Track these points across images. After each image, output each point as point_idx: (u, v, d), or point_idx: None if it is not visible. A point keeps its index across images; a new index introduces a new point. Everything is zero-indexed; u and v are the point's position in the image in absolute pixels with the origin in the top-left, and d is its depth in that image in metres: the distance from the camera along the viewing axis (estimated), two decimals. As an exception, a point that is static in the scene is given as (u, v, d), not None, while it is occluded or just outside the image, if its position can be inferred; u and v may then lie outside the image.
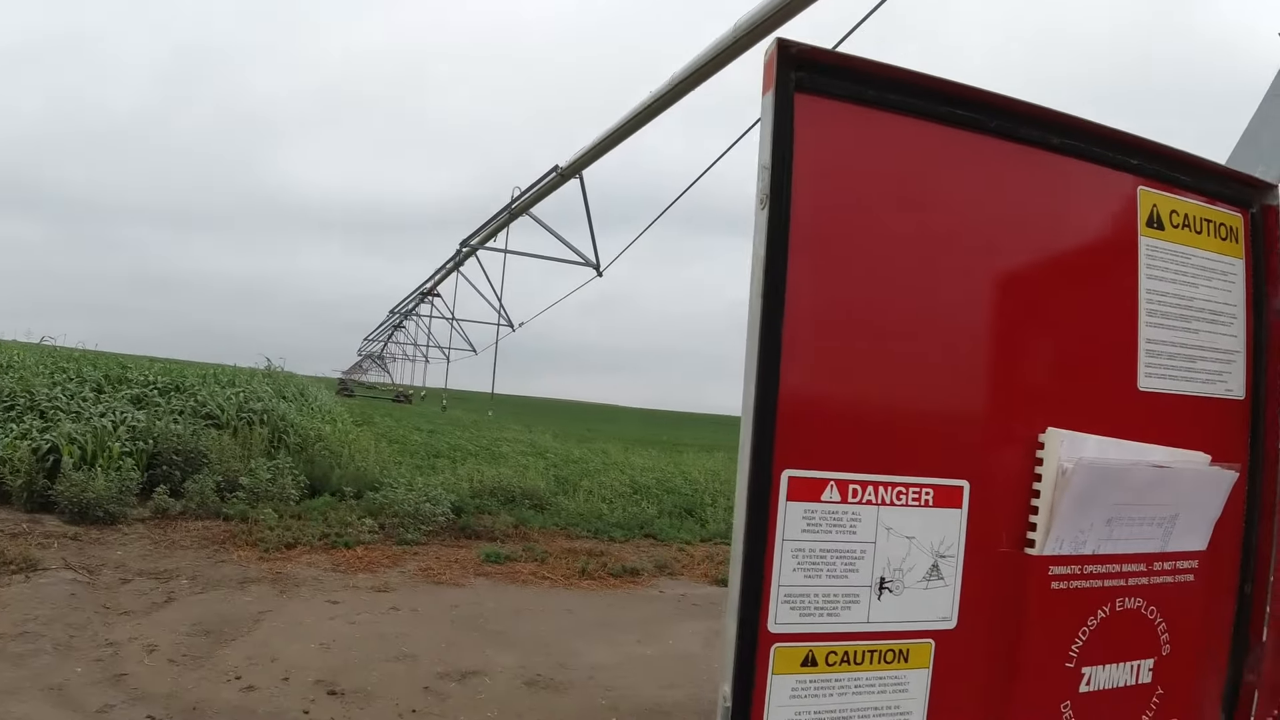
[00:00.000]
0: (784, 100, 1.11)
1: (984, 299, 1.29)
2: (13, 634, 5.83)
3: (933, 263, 1.24)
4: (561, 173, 12.40)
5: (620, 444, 25.87)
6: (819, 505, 1.14)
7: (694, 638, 7.36)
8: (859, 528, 1.17)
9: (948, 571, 1.24)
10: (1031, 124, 1.31)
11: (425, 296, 34.53)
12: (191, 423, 12.56)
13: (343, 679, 5.63)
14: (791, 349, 1.10)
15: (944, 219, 1.26)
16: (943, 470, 1.24)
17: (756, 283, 1.08)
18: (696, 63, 7.30)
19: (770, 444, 1.09)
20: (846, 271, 1.18)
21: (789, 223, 1.10)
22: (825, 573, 1.15)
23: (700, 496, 14.50)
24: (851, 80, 1.17)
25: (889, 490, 1.19)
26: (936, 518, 1.23)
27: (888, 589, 1.19)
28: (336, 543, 9.45)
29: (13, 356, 17.36)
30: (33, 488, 9.47)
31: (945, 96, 1.24)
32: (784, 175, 1.10)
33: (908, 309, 1.23)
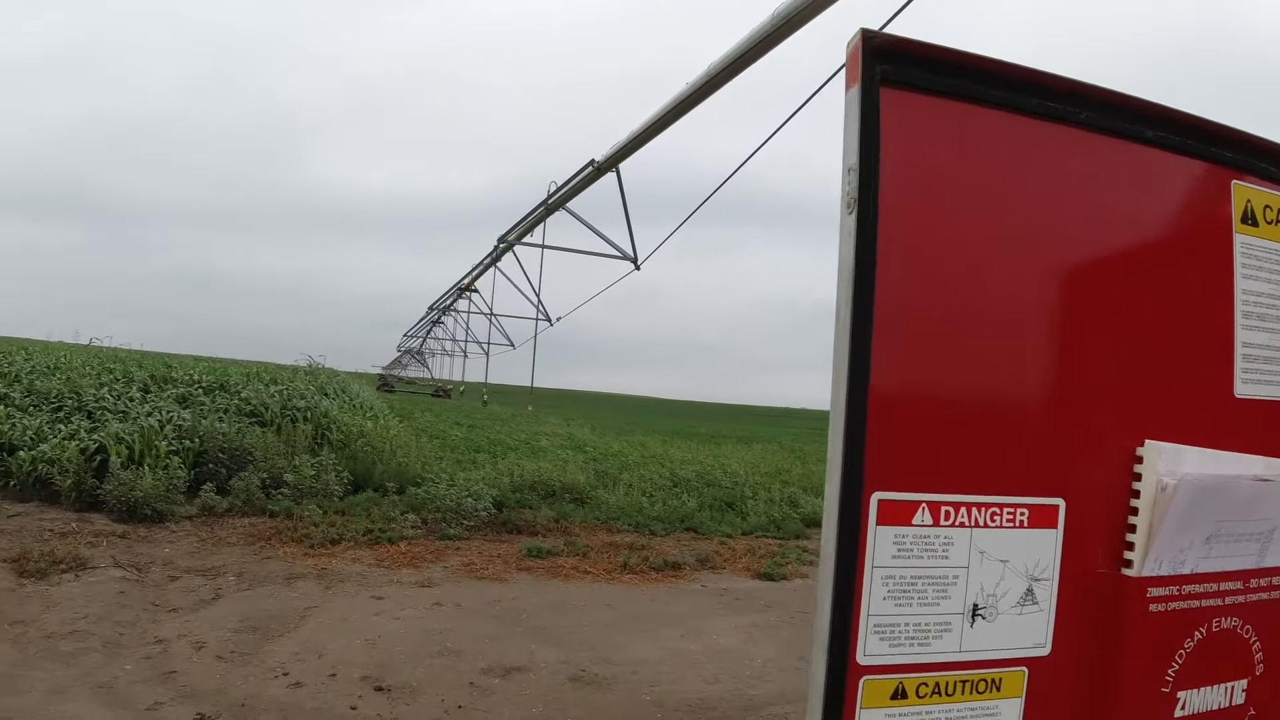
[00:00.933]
0: (870, 95, 1.03)
1: (1077, 304, 1.21)
2: (63, 633, 5.92)
3: (1024, 266, 1.17)
4: (598, 167, 12.36)
5: (659, 437, 25.84)
6: (910, 529, 1.08)
7: (736, 632, 7.31)
8: (951, 552, 1.10)
9: (1042, 596, 1.17)
10: (1123, 115, 1.23)
11: (463, 292, 34.75)
12: (236, 421, 12.72)
13: (388, 675, 5.65)
14: (882, 366, 1.03)
15: (1035, 218, 1.18)
16: (1038, 489, 1.16)
17: (844, 292, 1.01)
18: (734, 53, 7.21)
19: (860, 466, 1.03)
20: (937, 278, 1.11)
21: (877, 227, 1.03)
22: (916, 600, 1.09)
23: (740, 489, 14.41)
24: (939, 72, 1.09)
25: (983, 512, 1.12)
26: (1031, 539, 1.16)
27: (980, 616, 1.12)
28: (380, 538, 9.51)
29: (60, 358, 17.78)
30: (81, 487, 9.60)
31: (1036, 87, 1.16)
32: (872, 176, 1.03)
33: (1000, 317, 1.15)
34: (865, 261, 1.02)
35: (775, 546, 11.18)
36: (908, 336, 1.08)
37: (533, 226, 17.05)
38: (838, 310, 1.02)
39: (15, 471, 9.77)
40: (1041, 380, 1.18)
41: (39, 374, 14.63)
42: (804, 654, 6.19)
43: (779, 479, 16.05)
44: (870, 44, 1.04)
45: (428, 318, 53.84)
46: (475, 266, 28.13)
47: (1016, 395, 1.16)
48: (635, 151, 10.88)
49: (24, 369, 15.26)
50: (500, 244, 19.76)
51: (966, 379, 1.13)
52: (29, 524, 8.62)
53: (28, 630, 5.88)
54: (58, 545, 7.84)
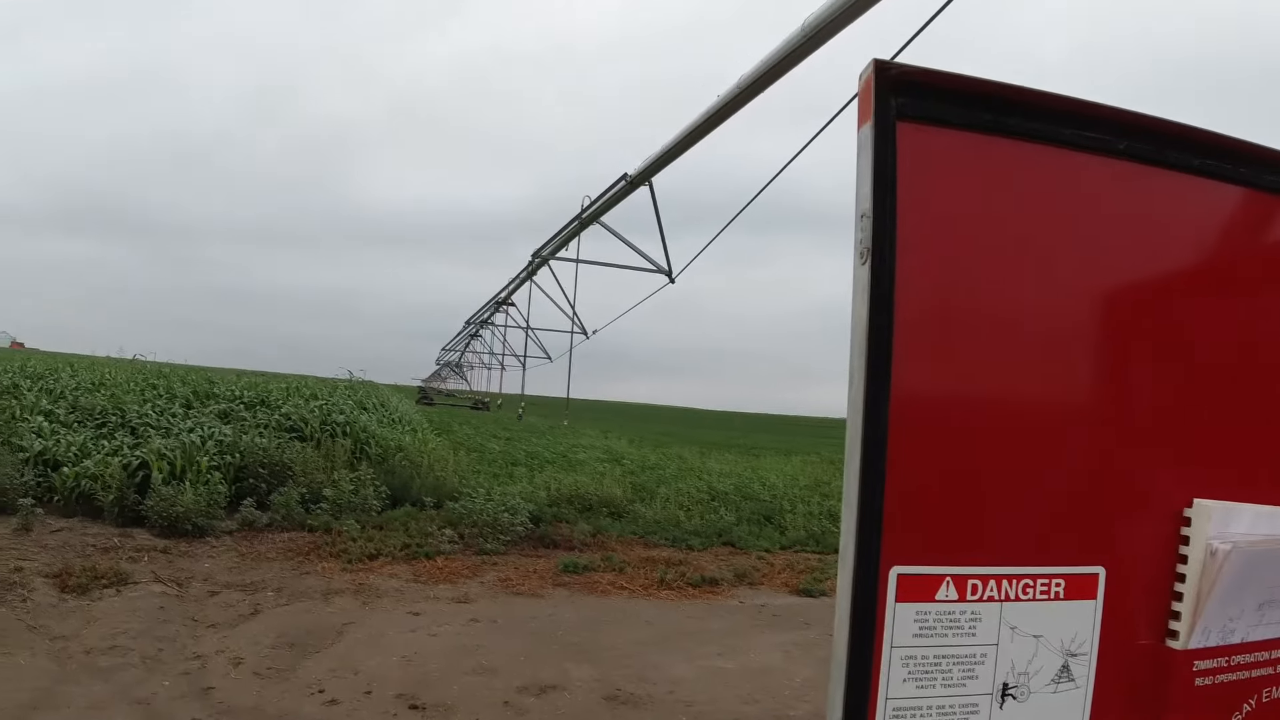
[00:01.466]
0: (885, 132, 0.95)
1: (1116, 354, 1.12)
2: (103, 648, 5.98)
3: (1061, 317, 1.08)
4: (631, 180, 12.36)
5: (696, 448, 25.74)
6: (933, 605, 1.00)
7: (774, 650, 7.20)
8: (979, 628, 1.02)
9: (1079, 672, 1.08)
10: (1172, 144, 1.14)
11: (500, 306, 35.01)
12: (276, 436, 12.91)
13: (424, 692, 5.65)
14: (900, 433, 0.95)
15: (1073, 262, 1.09)
16: (1076, 556, 1.07)
17: (857, 353, 0.94)
18: (765, 65, 7.16)
19: (877, 538, 0.96)
20: (963, 335, 1.03)
21: (894, 280, 0.95)
22: (940, 681, 1.00)
23: (779, 503, 14.28)
24: (963, 104, 1.01)
25: (1014, 584, 1.04)
26: (1068, 611, 1.07)
27: (1011, 696, 1.04)
28: (417, 553, 9.54)
29: (104, 374, 18.20)
30: (124, 503, 9.78)
31: (1073, 117, 1.07)
32: (888, 222, 0.95)
33: (1033, 374, 1.07)
34: (880, 319, 0.94)
35: (815, 561, 11.04)
36: (928, 401, 1.00)
37: (567, 241, 17.11)
38: (850, 374, 0.94)
39: (59, 487, 9.99)
40: (1079, 439, 1.09)
41: (84, 390, 15.01)
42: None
43: (818, 492, 15.89)
44: (885, 76, 0.96)
45: (465, 331, 54.37)
46: (511, 280, 28.34)
47: (1051, 456, 1.07)
48: (668, 165, 10.86)
49: (69, 385, 15.66)
50: (535, 259, 19.86)
51: (995, 442, 1.04)
52: (72, 539, 8.78)
53: (68, 645, 5.96)
54: (100, 560, 7.97)
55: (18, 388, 14.76)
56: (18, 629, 6.19)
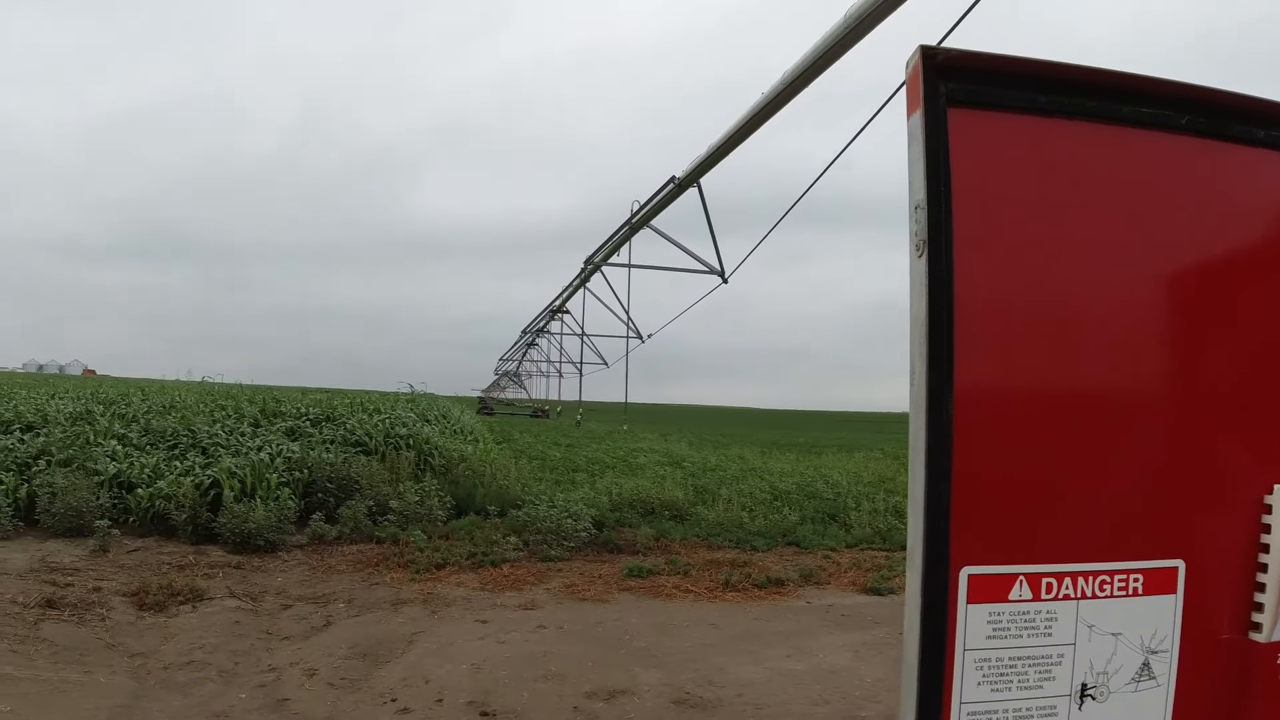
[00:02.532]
0: (936, 120, 0.90)
1: (1189, 335, 1.06)
2: (180, 663, 6.14)
3: (1130, 300, 1.03)
4: (679, 183, 12.31)
5: (757, 448, 25.56)
6: (1006, 606, 0.96)
7: (843, 650, 7.09)
8: (1055, 628, 0.97)
9: (1160, 670, 1.03)
10: (1236, 117, 1.06)
11: (555, 314, 35.23)
12: (342, 451, 13.17)
13: (493, 699, 5.68)
14: (966, 430, 0.91)
15: (1138, 240, 1.03)
16: (1153, 550, 1.02)
17: (918, 347, 0.89)
18: (808, 59, 7.07)
19: (945, 538, 0.92)
20: (1025, 321, 0.98)
21: (953, 271, 0.90)
22: (1016, 684, 0.97)
23: (843, 500, 14.08)
24: (1013, 86, 0.96)
25: (1090, 581, 0.98)
26: (1147, 607, 1.02)
27: (1090, 696, 0.99)
28: (483, 561, 9.63)
29: (174, 397, 18.79)
30: (197, 521, 10.06)
31: (1130, 93, 1.01)
32: (943, 212, 0.90)
33: (1101, 358, 1.01)
34: (941, 312, 0.90)
35: (882, 559, 10.85)
36: (993, 394, 0.96)
37: (618, 246, 17.13)
38: (911, 369, 0.90)
39: (134, 508, 10.33)
40: (1151, 428, 1.04)
41: (155, 413, 15.50)
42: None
43: (883, 488, 15.64)
44: (932, 62, 0.91)
45: (522, 340, 54.85)
46: (565, 288, 28.49)
47: (1123, 447, 1.02)
48: (715, 165, 10.80)
49: (141, 409, 16.19)
50: (587, 265, 19.93)
51: (1064, 434, 1.00)
52: (148, 558, 9.06)
53: (147, 662, 6.13)
54: (175, 578, 8.19)
55: (91, 414, 15.28)
56: (97, 647, 6.37)
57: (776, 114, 8.35)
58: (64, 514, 9.82)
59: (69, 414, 14.95)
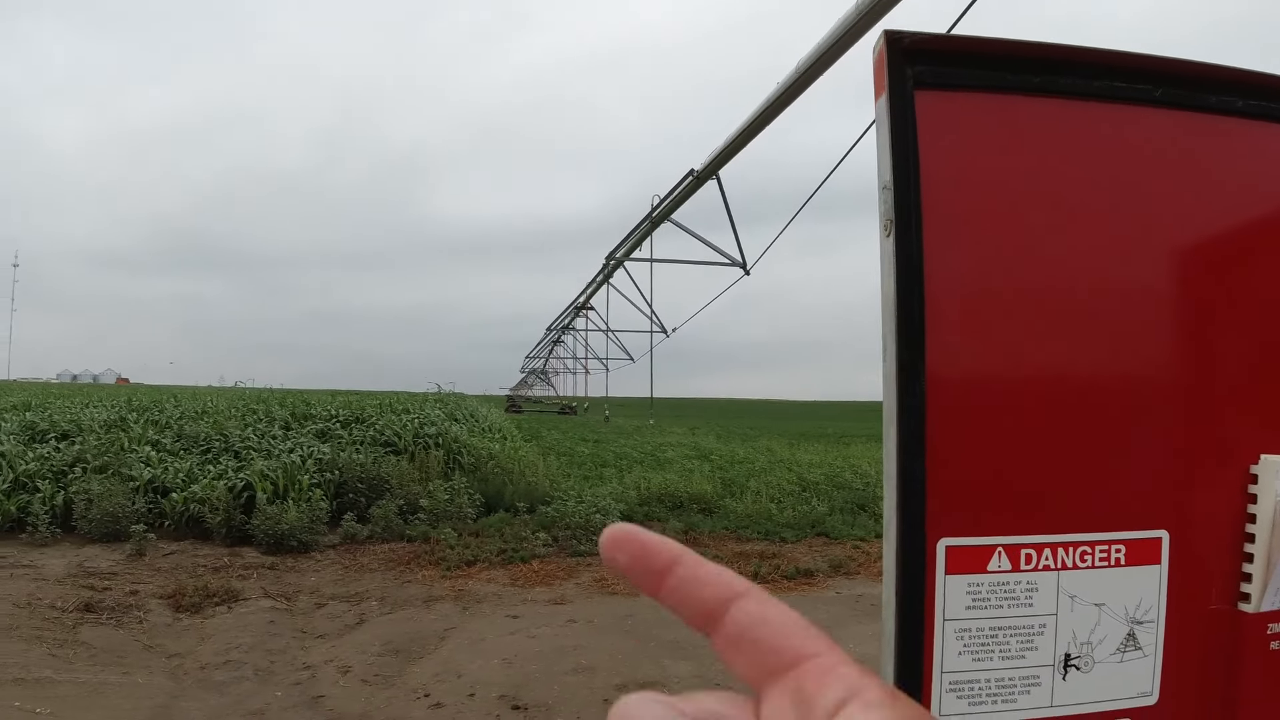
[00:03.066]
0: (902, 103, 0.92)
1: (1168, 301, 1.06)
2: (217, 663, 6.26)
3: (1106, 272, 1.03)
4: (698, 175, 12.28)
5: (784, 440, 25.50)
6: (986, 577, 0.97)
7: (874, 640, 6.96)
8: (1036, 599, 0.98)
9: (1146, 640, 1.04)
10: (1212, 87, 1.07)
11: (579, 311, 35.27)
12: (372, 451, 13.32)
13: (525, 693, 5.74)
14: (937, 399, 0.92)
15: (1116, 217, 1.04)
16: (1136, 520, 1.02)
17: (889, 326, 0.91)
18: (821, 46, 7.02)
19: (921, 510, 0.93)
20: (998, 298, 0.99)
21: (923, 251, 0.92)
22: (998, 654, 0.98)
23: (872, 490, 14.02)
24: (982, 66, 0.97)
25: (1071, 551, 0.99)
26: (1130, 577, 1.02)
27: (1074, 666, 1.00)
28: (513, 558, 9.71)
29: (206, 403, 19.08)
30: (231, 523, 10.23)
31: (1101, 68, 1.02)
32: (911, 193, 0.92)
33: (1079, 333, 1.02)
34: (909, 292, 0.92)
35: (911, 548, 10.80)
36: (967, 370, 0.97)
37: (640, 241, 17.12)
38: (883, 346, 0.92)
39: (169, 512, 10.51)
40: (1134, 392, 1.04)
41: (188, 419, 15.76)
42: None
43: (911, 476, 15.54)
44: (897, 46, 0.93)
45: (548, 338, 55.03)
46: (588, 284, 28.53)
47: (1104, 413, 1.02)
48: (733, 157, 10.76)
49: (174, 415, 16.46)
50: (609, 261, 19.95)
51: (1041, 406, 1.00)
52: (183, 561, 9.23)
53: (184, 662, 6.25)
54: (211, 579, 8.34)
55: (125, 421, 15.55)
56: (135, 649, 6.51)
57: (792, 103, 8.29)
58: (100, 520, 9.99)
59: (103, 422, 15.21)
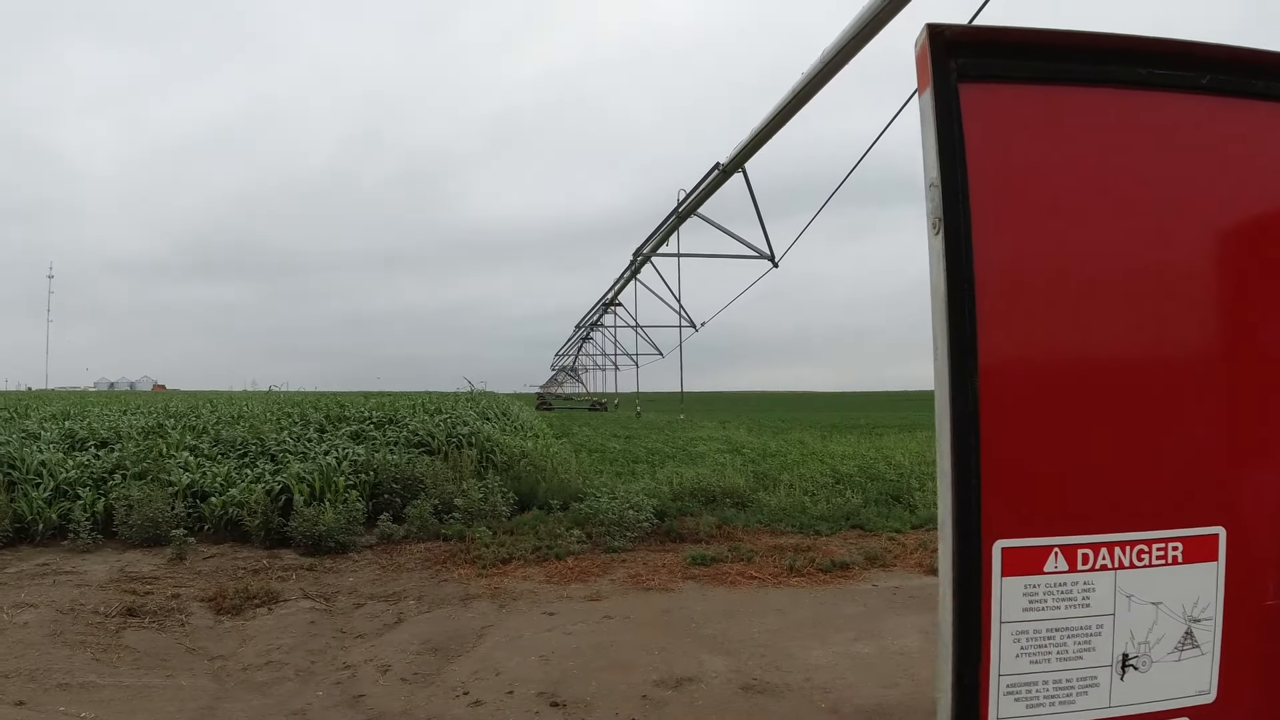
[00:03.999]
0: (947, 97, 0.88)
1: (1223, 299, 1.01)
2: (258, 664, 6.34)
3: (1156, 264, 0.99)
4: (724, 169, 12.26)
5: (816, 432, 25.40)
6: (1042, 578, 0.95)
7: (912, 632, 7.02)
8: (1093, 599, 0.96)
9: (1204, 637, 1.01)
10: (1259, 73, 1.00)
11: (608, 307, 35.36)
12: (406, 452, 13.45)
13: (563, 690, 5.76)
14: (991, 400, 0.90)
15: (1166, 206, 1.00)
16: (1192, 517, 0.99)
17: (939, 325, 0.88)
18: (846, 35, 6.96)
19: (977, 513, 0.90)
20: (1051, 294, 0.96)
21: (972, 246, 0.89)
22: (1055, 655, 0.96)
23: (906, 481, 13.92)
24: (1025, 57, 0.92)
25: (1128, 551, 0.96)
26: (1187, 575, 0.99)
27: (1132, 666, 0.97)
28: (548, 555, 9.73)
29: (242, 408, 19.36)
30: (269, 526, 10.37)
31: (1146, 55, 0.96)
32: (959, 188, 0.88)
33: (1131, 327, 0.98)
34: (960, 289, 0.89)
35: (948, 539, 10.70)
36: (1019, 367, 0.95)
37: (667, 236, 17.12)
38: (934, 345, 0.90)
39: (208, 516, 10.68)
40: (1186, 393, 0.99)
41: (224, 424, 16.02)
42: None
43: (946, 467, 15.41)
44: (940, 40, 0.89)
45: (576, 335, 55.23)
46: (616, 281, 28.58)
47: (1157, 414, 0.99)
48: (759, 149, 10.72)
49: (210, 420, 16.73)
50: (637, 257, 19.97)
51: (1094, 402, 0.97)
52: (223, 564, 9.37)
53: (226, 664, 6.33)
54: (251, 582, 8.43)
55: (162, 427, 15.82)
56: (178, 652, 6.59)
57: (818, 93, 8.24)
58: (141, 525, 10.16)
59: (141, 428, 15.49)
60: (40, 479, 11.42)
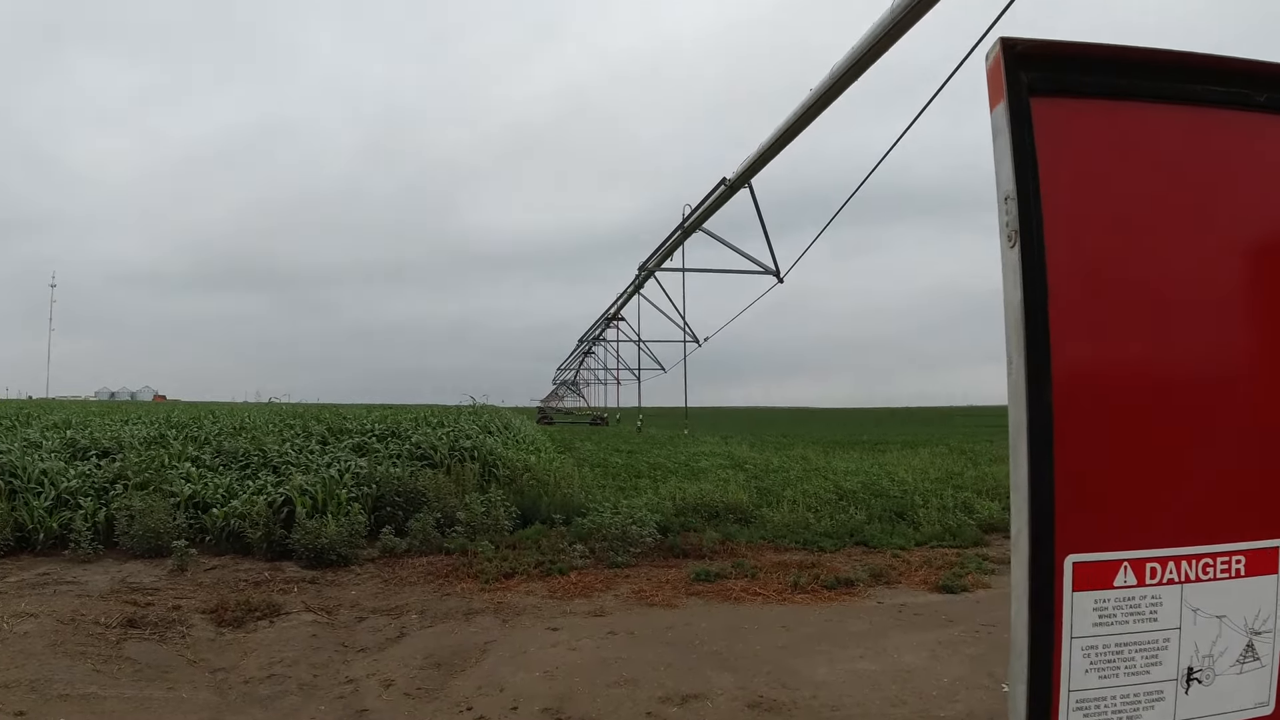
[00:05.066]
0: (1021, 111, 0.89)
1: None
2: (260, 677, 6.29)
3: (1225, 279, 0.99)
4: (730, 184, 12.31)
5: (819, 448, 25.34)
6: (1112, 593, 0.95)
7: (918, 650, 6.99)
8: (1160, 613, 0.96)
9: (1264, 650, 1.01)
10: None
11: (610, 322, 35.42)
12: (409, 465, 13.41)
13: (568, 706, 5.72)
14: (1065, 414, 0.90)
15: (1236, 222, 1.00)
16: (1254, 530, 1.00)
17: (1014, 337, 0.88)
18: (855, 53, 7.01)
19: (1050, 527, 0.90)
20: (1123, 308, 0.96)
21: (1045, 259, 0.89)
22: (1123, 670, 0.95)
23: (910, 498, 13.89)
24: (1096, 72, 0.93)
25: (1194, 564, 0.97)
26: (1250, 589, 0.99)
27: (1196, 680, 0.98)
28: (551, 570, 9.70)
29: (244, 419, 19.34)
30: (271, 538, 10.31)
31: (1209, 72, 0.96)
32: (1033, 201, 0.89)
33: (1199, 340, 0.99)
34: (1036, 302, 0.89)
35: (953, 556, 10.67)
36: (1092, 380, 0.95)
37: (671, 251, 17.17)
38: (1008, 358, 0.89)
39: (210, 527, 10.63)
40: (1251, 407, 0.99)
41: (226, 435, 15.99)
42: (994, 671, 5.77)
43: (950, 484, 15.40)
44: (1012, 53, 0.90)
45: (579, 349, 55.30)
46: (620, 295, 28.67)
47: (1223, 425, 0.98)
48: (766, 165, 10.76)
49: (212, 431, 16.70)
50: (641, 271, 20.02)
51: (1164, 415, 0.96)
52: (225, 576, 9.33)
53: (228, 677, 6.28)
54: (252, 594, 8.41)
55: (164, 437, 15.78)
56: (179, 664, 6.55)
57: (827, 110, 8.29)
58: (142, 535, 10.12)
59: (143, 438, 15.44)
60: (41, 488, 11.39)
